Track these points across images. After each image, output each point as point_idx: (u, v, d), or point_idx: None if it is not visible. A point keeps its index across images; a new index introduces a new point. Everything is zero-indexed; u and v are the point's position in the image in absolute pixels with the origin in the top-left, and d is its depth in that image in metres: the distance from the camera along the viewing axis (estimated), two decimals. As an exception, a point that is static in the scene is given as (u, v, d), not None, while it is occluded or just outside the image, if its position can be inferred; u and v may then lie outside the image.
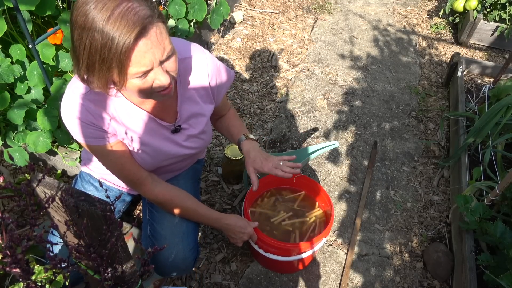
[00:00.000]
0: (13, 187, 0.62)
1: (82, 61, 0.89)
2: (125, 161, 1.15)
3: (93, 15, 0.83)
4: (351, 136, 2.24)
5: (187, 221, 1.32)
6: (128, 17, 0.83)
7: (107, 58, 0.86)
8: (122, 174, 1.18)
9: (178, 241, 1.27)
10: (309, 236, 1.51)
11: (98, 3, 0.83)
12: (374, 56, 2.85)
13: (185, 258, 1.27)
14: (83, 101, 1.03)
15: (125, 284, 0.77)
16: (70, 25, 0.88)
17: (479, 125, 1.88)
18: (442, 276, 1.64)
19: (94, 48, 0.85)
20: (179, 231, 1.29)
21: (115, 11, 0.83)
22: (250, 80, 2.53)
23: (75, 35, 0.87)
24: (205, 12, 2.32)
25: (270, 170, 1.31)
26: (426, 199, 1.96)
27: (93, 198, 0.65)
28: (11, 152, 1.68)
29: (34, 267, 0.70)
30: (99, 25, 0.83)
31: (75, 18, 0.85)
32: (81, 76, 0.93)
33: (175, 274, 1.31)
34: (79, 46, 0.87)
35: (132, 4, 0.85)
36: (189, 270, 1.32)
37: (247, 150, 1.35)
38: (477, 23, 2.85)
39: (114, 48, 0.84)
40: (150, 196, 1.23)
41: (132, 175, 1.18)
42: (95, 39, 0.84)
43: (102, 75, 0.90)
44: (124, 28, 0.83)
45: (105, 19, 0.83)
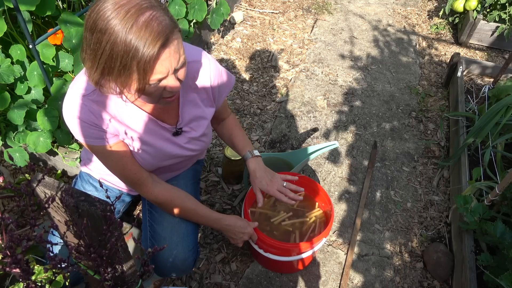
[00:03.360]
0: (13, 187, 0.62)
1: (98, 65, 0.89)
2: (127, 161, 1.15)
3: (115, 21, 0.83)
4: (351, 136, 2.24)
5: (186, 222, 1.32)
6: (153, 27, 0.84)
7: (129, 66, 0.86)
8: (123, 174, 1.18)
9: (178, 242, 1.27)
10: (309, 236, 1.51)
11: (120, 9, 0.83)
12: (374, 56, 2.85)
13: (185, 259, 1.27)
14: (85, 101, 1.03)
15: (125, 284, 0.78)
16: (86, 27, 0.87)
17: (479, 125, 1.88)
18: (442, 276, 1.64)
19: (115, 54, 0.85)
20: (178, 232, 1.29)
21: (139, 19, 0.84)
22: (250, 80, 2.53)
23: (92, 38, 0.86)
24: (205, 12, 2.32)
25: (275, 193, 1.36)
26: (426, 199, 1.96)
27: (93, 199, 0.65)
28: (11, 152, 1.68)
29: (34, 267, 0.70)
30: (122, 32, 0.83)
31: (94, 22, 0.85)
32: (94, 79, 0.93)
33: (174, 274, 1.31)
34: (97, 50, 0.86)
35: (155, 13, 0.86)
36: (188, 270, 1.33)
37: (254, 169, 1.38)
38: (477, 23, 2.85)
39: (138, 57, 0.85)
40: (150, 196, 1.23)
41: (133, 175, 1.18)
42: (117, 45, 0.84)
43: (120, 80, 0.91)
44: (149, 37, 0.84)
45: (129, 26, 0.83)
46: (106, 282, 0.72)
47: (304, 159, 1.68)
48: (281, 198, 1.36)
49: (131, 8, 0.84)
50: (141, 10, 0.84)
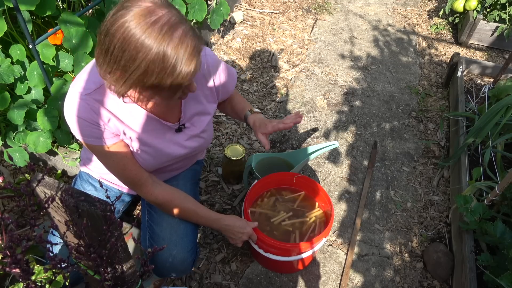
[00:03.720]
0: (13, 187, 0.62)
1: (128, 79, 0.91)
2: (127, 161, 1.15)
3: (149, 42, 0.85)
4: (351, 136, 2.24)
5: (185, 223, 1.32)
6: (187, 44, 0.89)
7: (164, 81, 0.90)
8: (124, 174, 1.17)
9: (177, 243, 1.27)
10: (309, 236, 1.51)
11: (153, 26, 0.85)
12: (374, 56, 2.85)
13: (183, 259, 1.27)
14: (87, 100, 1.02)
15: (125, 284, 0.78)
16: (113, 44, 0.87)
17: (479, 125, 1.88)
18: (442, 276, 1.64)
19: (151, 71, 0.88)
20: (177, 233, 1.29)
21: (174, 36, 0.87)
22: (250, 80, 2.53)
23: (124, 56, 0.87)
24: (205, 12, 2.32)
25: (274, 126, 1.37)
26: (426, 199, 1.96)
27: (93, 198, 0.65)
28: (11, 152, 1.68)
29: (34, 267, 0.70)
30: (158, 52, 0.86)
31: (125, 40, 0.85)
32: (120, 91, 0.94)
33: (174, 275, 1.31)
34: (129, 66, 0.88)
35: (185, 27, 0.89)
36: (187, 271, 1.33)
37: (253, 121, 1.41)
38: (477, 23, 2.85)
39: (175, 74, 0.89)
40: (150, 197, 1.23)
41: (133, 176, 1.18)
42: (153, 63, 0.87)
43: (148, 92, 0.95)
44: (185, 54, 0.88)
45: (166, 44, 0.86)
46: (106, 282, 0.72)
47: (304, 159, 1.68)
48: (279, 126, 1.37)
49: (164, 25, 0.86)
50: (174, 27, 0.87)
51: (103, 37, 0.88)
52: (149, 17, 0.85)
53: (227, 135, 2.17)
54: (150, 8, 0.86)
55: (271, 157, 1.75)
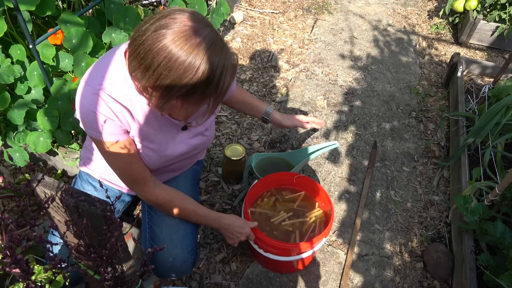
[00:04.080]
0: (13, 187, 0.62)
1: (171, 98, 0.95)
2: (134, 159, 1.15)
3: (197, 61, 0.89)
4: (351, 136, 2.24)
5: (185, 224, 1.32)
6: (231, 63, 0.96)
7: (206, 97, 0.97)
8: (128, 172, 1.17)
9: (177, 244, 1.28)
10: (309, 236, 1.51)
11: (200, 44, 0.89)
12: (374, 56, 2.85)
13: (183, 260, 1.27)
14: (102, 95, 1.03)
15: (125, 284, 0.78)
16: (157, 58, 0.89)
17: (479, 125, 1.88)
18: (442, 276, 1.64)
19: (196, 89, 0.93)
20: (177, 234, 1.29)
21: (221, 54, 0.92)
22: (250, 80, 2.53)
23: (170, 74, 0.90)
24: (205, 12, 2.32)
25: (300, 122, 1.60)
26: (426, 199, 1.96)
27: (93, 198, 0.65)
28: (11, 152, 1.68)
29: (34, 267, 0.70)
30: (204, 70, 0.90)
31: (172, 59, 0.88)
32: (158, 106, 0.99)
33: (174, 275, 1.31)
34: (176, 85, 0.92)
35: (225, 45, 0.95)
36: (188, 272, 1.33)
37: (280, 118, 1.59)
38: (477, 23, 2.85)
39: (218, 90, 0.96)
40: (151, 197, 1.23)
41: (137, 174, 1.17)
42: (200, 82, 0.91)
43: (190, 108, 1.01)
44: (228, 73, 0.95)
45: (212, 62, 0.90)
46: (106, 282, 0.72)
47: (304, 159, 1.68)
48: (306, 121, 1.60)
49: (209, 45, 0.90)
50: (217, 45, 0.92)
51: (144, 53, 0.90)
52: (192, 38, 0.88)
53: (227, 135, 2.17)
54: (193, 28, 0.89)
55: (271, 157, 1.75)
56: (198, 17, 0.92)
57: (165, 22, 0.89)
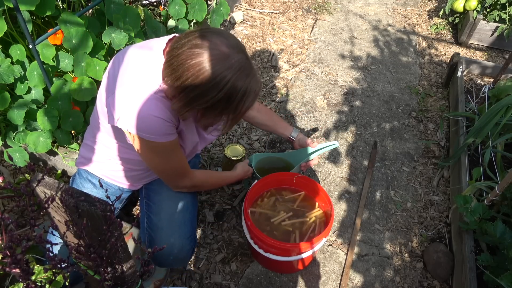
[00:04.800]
0: (13, 187, 0.62)
1: (192, 108, 1.04)
2: (182, 153, 1.25)
3: (225, 81, 0.97)
4: (351, 136, 2.24)
5: (183, 212, 1.36)
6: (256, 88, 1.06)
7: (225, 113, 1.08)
8: (179, 166, 1.26)
9: (175, 231, 1.31)
10: (309, 236, 1.51)
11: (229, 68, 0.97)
12: (374, 56, 2.85)
13: (182, 247, 1.30)
14: (157, 99, 1.07)
15: (125, 284, 0.78)
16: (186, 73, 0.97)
17: (479, 125, 1.88)
18: (442, 276, 1.64)
19: (216, 107, 1.03)
20: (176, 222, 1.33)
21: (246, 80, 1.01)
22: (250, 80, 2.53)
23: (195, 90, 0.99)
24: (205, 12, 2.32)
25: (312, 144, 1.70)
26: (426, 199, 1.96)
27: (93, 198, 0.65)
28: (11, 153, 1.68)
29: (34, 267, 0.70)
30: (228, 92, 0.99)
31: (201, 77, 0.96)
32: (182, 114, 1.08)
33: (174, 264, 1.35)
34: (198, 100, 1.01)
35: (254, 71, 1.04)
36: (186, 259, 1.36)
37: (303, 139, 1.70)
38: (477, 23, 2.85)
39: (237, 111, 1.06)
40: (189, 182, 1.35)
41: (185, 165, 1.29)
42: (221, 101, 1.01)
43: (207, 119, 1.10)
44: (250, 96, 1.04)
45: (237, 86, 0.99)
46: (106, 282, 0.72)
47: (304, 159, 1.68)
48: None
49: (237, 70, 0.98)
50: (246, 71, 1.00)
51: (177, 65, 0.98)
52: (224, 62, 0.96)
53: (227, 135, 2.17)
54: (226, 54, 0.97)
55: (271, 157, 1.75)
56: (233, 42, 1.00)
57: (202, 43, 0.97)
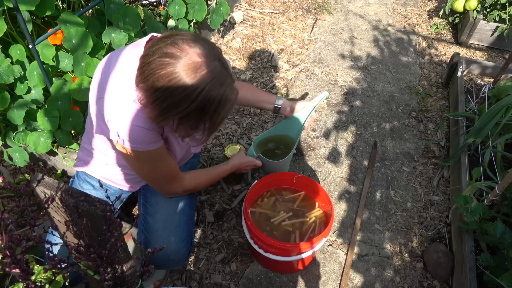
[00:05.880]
0: (13, 188, 0.62)
1: (166, 118, 1.00)
2: (170, 158, 1.21)
3: (197, 92, 0.93)
4: (351, 136, 2.24)
5: (179, 214, 1.35)
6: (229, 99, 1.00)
7: (201, 123, 1.02)
8: (167, 172, 1.23)
9: (170, 234, 1.30)
10: (309, 236, 1.51)
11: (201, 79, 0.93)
12: (374, 56, 2.85)
13: (177, 249, 1.30)
14: (138, 108, 1.05)
15: (124, 284, 0.78)
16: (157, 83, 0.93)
17: (479, 125, 1.88)
18: (442, 276, 1.64)
19: (190, 118, 0.99)
20: (171, 224, 1.32)
21: (219, 90, 0.96)
22: (250, 80, 2.53)
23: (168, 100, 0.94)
24: (205, 12, 2.32)
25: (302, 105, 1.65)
26: (426, 199, 1.96)
27: (93, 199, 0.65)
28: (11, 153, 1.68)
29: (33, 267, 0.70)
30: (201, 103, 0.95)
31: (173, 88, 0.92)
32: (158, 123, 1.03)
33: (170, 266, 1.35)
34: (171, 110, 0.96)
35: (228, 80, 0.99)
36: (182, 262, 1.36)
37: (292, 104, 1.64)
38: (477, 23, 2.85)
39: (212, 122, 1.01)
40: (180, 188, 1.32)
41: (174, 170, 1.25)
42: (195, 111, 0.96)
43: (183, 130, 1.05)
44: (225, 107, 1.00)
45: (209, 97, 0.95)
46: (106, 282, 0.72)
47: (302, 122, 1.67)
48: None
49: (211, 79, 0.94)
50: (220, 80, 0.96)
51: (148, 74, 0.94)
52: (195, 72, 0.92)
53: (227, 135, 2.17)
54: (198, 64, 0.93)
55: (270, 137, 1.75)
56: (207, 50, 0.95)
57: (173, 51, 0.92)
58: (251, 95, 1.59)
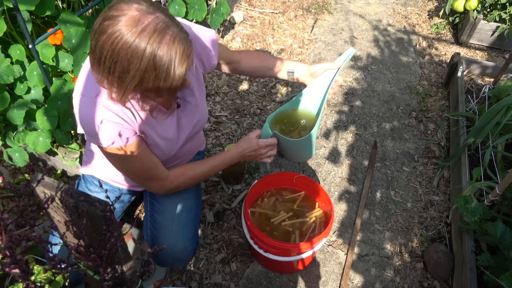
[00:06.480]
0: (13, 188, 0.62)
1: (125, 92, 0.92)
2: (146, 156, 1.15)
3: (141, 49, 0.85)
4: (351, 136, 2.24)
5: (187, 212, 1.34)
6: (177, 48, 0.88)
7: (161, 88, 0.92)
8: (142, 171, 1.17)
9: (178, 231, 1.30)
10: (309, 237, 1.51)
11: (142, 34, 0.85)
12: (374, 56, 2.85)
13: (184, 247, 1.29)
14: (101, 101, 1.01)
15: (124, 284, 0.77)
16: (104, 58, 0.87)
17: (479, 125, 1.88)
18: (442, 276, 1.64)
19: (146, 81, 0.89)
20: (179, 222, 1.32)
21: (163, 42, 0.87)
22: (250, 80, 2.53)
23: (116, 69, 0.88)
24: (205, 12, 2.32)
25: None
26: (426, 199, 1.96)
27: (92, 199, 0.65)
28: (11, 153, 1.68)
29: (33, 268, 0.70)
30: (149, 60, 0.86)
31: (115, 54, 0.86)
32: (122, 101, 0.95)
33: (175, 264, 1.34)
34: (123, 79, 0.89)
35: (172, 31, 0.88)
36: (188, 260, 1.35)
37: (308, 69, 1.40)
38: (477, 23, 2.85)
39: (169, 80, 0.90)
40: (168, 186, 1.23)
41: (151, 170, 1.18)
42: (147, 73, 0.88)
43: (149, 100, 0.98)
44: (175, 59, 0.89)
45: (155, 50, 0.86)
46: (106, 282, 0.72)
47: (324, 95, 1.35)
48: None
49: (152, 32, 0.86)
50: (162, 33, 0.87)
51: (94, 47, 0.89)
52: (136, 26, 0.85)
53: (227, 135, 2.17)
54: (136, 17, 0.85)
55: (284, 112, 1.42)
56: (146, 3, 0.88)
57: (112, 14, 0.86)
58: (260, 63, 1.39)
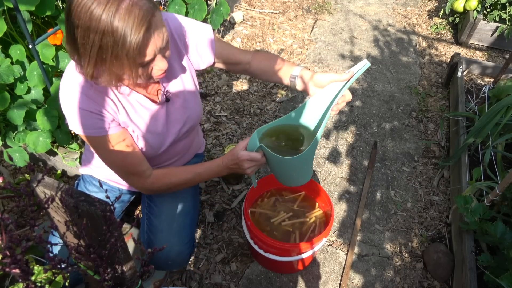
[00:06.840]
0: (13, 188, 0.62)
1: (89, 60, 0.90)
2: (129, 150, 1.11)
3: (98, 13, 0.83)
4: (351, 136, 2.24)
5: (184, 215, 1.34)
6: (135, 13, 0.86)
7: (120, 55, 0.88)
8: (123, 164, 1.13)
9: (174, 235, 1.29)
10: (309, 237, 1.51)
11: (100, 1, 0.84)
12: (374, 56, 2.85)
13: (180, 251, 1.29)
14: (83, 89, 1.00)
15: (124, 284, 0.77)
16: (69, 24, 0.87)
17: (479, 125, 1.88)
18: (442, 276, 1.64)
19: (105, 47, 0.87)
20: (175, 225, 1.31)
21: (121, 7, 0.84)
22: (250, 80, 2.53)
23: (77, 35, 0.87)
24: (205, 12, 2.32)
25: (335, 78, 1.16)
26: (426, 199, 1.96)
27: (93, 199, 0.65)
28: (11, 153, 1.68)
29: (33, 268, 0.70)
30: (107, 24, 0.84)
31: (77, 18, 0.85)
32: (88, 73, 0.93)
33: (170, 266, 1.33)
34: (85, 45, 0.87)
35: None
36: (183, 264, 1.35)
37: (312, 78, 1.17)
38: (477, 23, 2.85)
39: (126, 46, 0.87)
40: (149, 186, 1.18)
41: (134, 165, 1.13)
42: (105, 37, 0.85)
43: (114, 70, 0.92)
44: (133, 24, 0.85)
45: (112, 16, 0.84)
46: (106, 282, 0.72)
47: (327, 110, 1.13)
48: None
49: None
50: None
51: (65, 22, 0.89)
52: None
53: (227, 135, 2.17)
54: None
55: (279, 127, 1.18)
56: None
57: None
58: (268, 66, 1.26)
